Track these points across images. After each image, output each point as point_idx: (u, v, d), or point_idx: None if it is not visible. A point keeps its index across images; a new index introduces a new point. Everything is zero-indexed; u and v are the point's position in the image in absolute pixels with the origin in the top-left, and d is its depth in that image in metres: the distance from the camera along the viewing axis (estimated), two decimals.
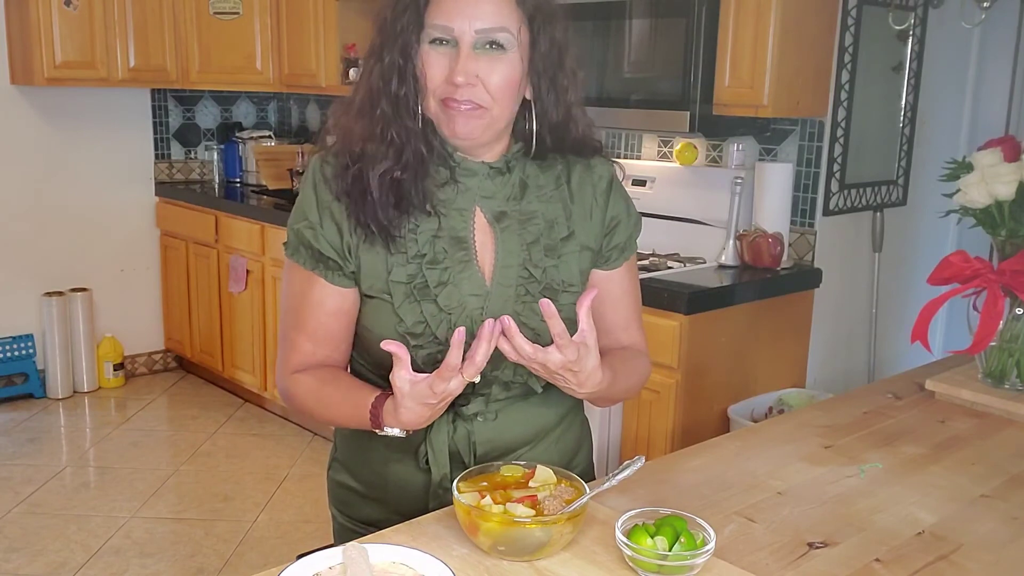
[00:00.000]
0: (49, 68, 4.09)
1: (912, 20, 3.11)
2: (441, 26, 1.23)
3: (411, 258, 1.29)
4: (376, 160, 1.27)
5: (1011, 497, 1.42)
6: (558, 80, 1.31)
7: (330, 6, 4.09)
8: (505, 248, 1.31)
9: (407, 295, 1.28)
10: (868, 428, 1.69)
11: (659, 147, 3.36)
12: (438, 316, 1.28)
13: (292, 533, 3.23)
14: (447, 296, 1.28)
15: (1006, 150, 1.78)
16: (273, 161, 4.74)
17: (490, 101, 1.25)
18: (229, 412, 4.38)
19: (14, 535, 3.17)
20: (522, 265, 1.31)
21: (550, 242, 1.33)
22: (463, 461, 1.35)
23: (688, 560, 1.10)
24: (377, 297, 1.30)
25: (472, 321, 1.28)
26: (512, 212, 1.33)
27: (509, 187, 1.33)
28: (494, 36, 1.23)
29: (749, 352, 2.86)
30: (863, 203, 3.15)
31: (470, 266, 1.30)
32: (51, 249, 4.49)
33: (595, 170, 1.39)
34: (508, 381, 1.32)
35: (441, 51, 1.24)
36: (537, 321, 1.29)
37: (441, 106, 1.26)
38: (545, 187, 1.35)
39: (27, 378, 4.43)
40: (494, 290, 1.30)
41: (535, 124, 1.32)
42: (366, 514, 1.44)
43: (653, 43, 2.89)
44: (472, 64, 1.23)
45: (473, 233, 1.31)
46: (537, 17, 1.27)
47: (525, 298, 1.31)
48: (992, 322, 1.74)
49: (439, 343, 1.28)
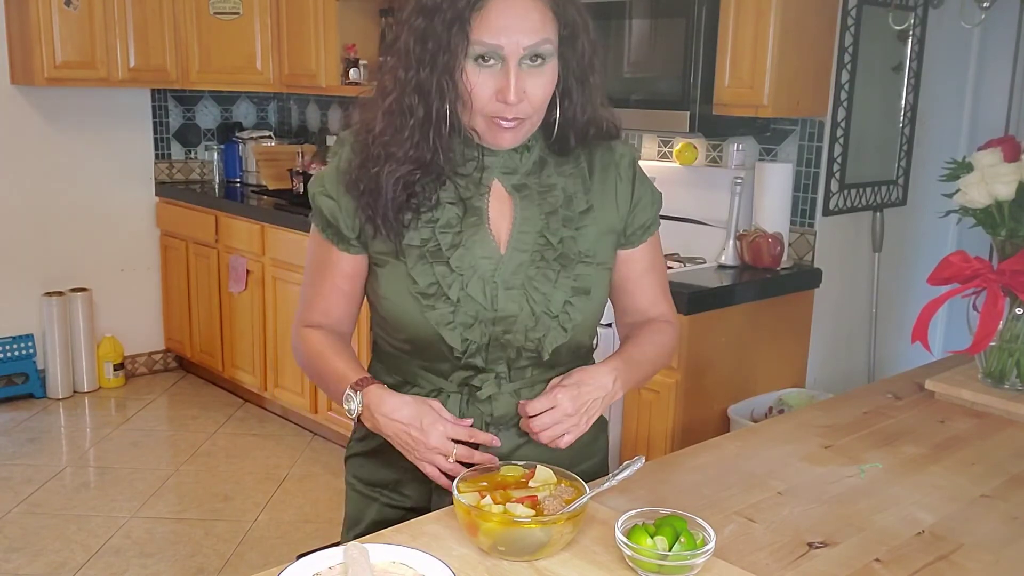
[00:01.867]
0: (49, 68, 4.09)
1: (912, 20, 3.11)
2: (489, 43, 1.22)
3: (425, 223, 1.32)
4: (396, 162, 1.28)
5: (1011, 497, 1.42)
6: (587, 82, 1.33)
7: (330, 6, 4.09)
8: (523, 215, 1.34)
9: (420, 257, 1.31)
10: (868, 428, 1.69)
11: (659, 147, 3.36)
12: (450, 277, 1.31)
13: (292, 533, 3.23)
14: (459, 258, 1.31)
15: (1006, 150, 1.78)
16: (273, 161, 4.74)
17: (531, 112, 1.27)
18: (229, 412, 4.38)
19: (14, 535, 3.17)
20: (539, 232, 1.34)
21: (569, 213, 1.36)
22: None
23: (688, 560, 1.11)
24: (391, 263, 1.34)
25: (484, 283, 1.31)
26: (532, 184, 1.35)
27: (529, 163, 1.36)
28: (539, 49, 1.24)
29: (749, 352, 2.86)
30: (863, 203, 3.15)
31: (481, 230, 1.33)
32: (51, 249, 4.49)
33: (616, 150, 1.41)
34: (520, 346, 1.33)
35: (487, 69, 1.24)
36: (549, 287, 1.33)
37: (488, 123, 1.27)
38: (564, 164, 1.38)
39: (27, 378, 4.43)
40: (509, 254, 1.33)
41: (560, 120, 1.33)
42: (382, 476, 1.46)
43: (653, 43, 2.89)
44: (520, 82, 1.23)
45: (488, 203, 1.34)
46: (572, 23, 1.29)
47: (540, 263, 1.33)
48: (992, 322, 1.74)
49: (451, 303, 1.30)
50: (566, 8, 1.27)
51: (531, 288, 1.32)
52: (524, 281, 1.32)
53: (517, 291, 1.32)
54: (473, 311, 1.31)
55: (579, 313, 1.34)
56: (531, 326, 1.32)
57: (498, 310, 1.31)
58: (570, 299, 1.33)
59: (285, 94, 5.02)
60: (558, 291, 1.32)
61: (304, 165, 4.52)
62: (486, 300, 1.31)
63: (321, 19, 4.14)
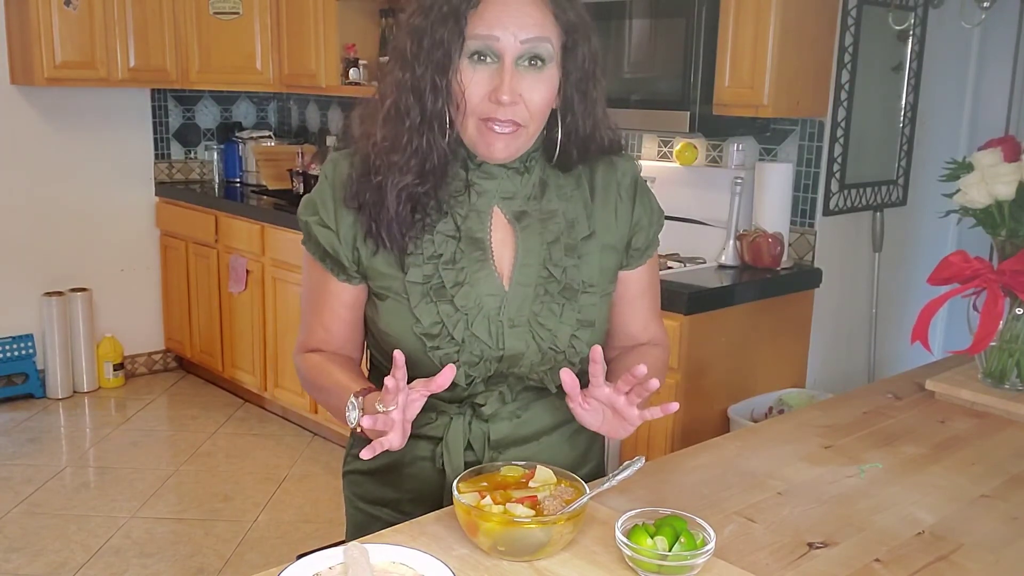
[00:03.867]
0: (49, 68, 4.09)
1: (912, 20, 3.11)
2: (485, 35, 1.19)
3: (427, 259, 1.28)
4: (397, 171, 1.24)
5: (1011, 497, 1.42)
6: (590, 93, 1.29)
7: (330, 6, 4.09)
8: (525, 247, 1.30)
9: (423, 295, 1.27)
10: (868, 428, 1.69)
11: (659, 147, 3.36)
12: (454, 316, 1.27)
13: (292, 533, 3.23)
14: (464, 296, 1.27)
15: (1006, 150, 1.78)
16: (273, 161, 4.74)
17: (528, 119, 1.23)
18: (229, 412, 4.38)
19: (14, 535, 3.17)
20: (542, 264, 1.30)
21: (571, 241, 1.32)
22: (478, 458, 1.34)
23: (688, 560, 1.10)
24: (392, 298, 1.29)
25: (489, 321, 1.28)
26: (532, 211, 1.31)
27: (529, 187, 1.32)
28: (537, 48, 1.21)
29: (749, 352, 2.86)
30: (863, 203, 3.15)
31: (486, 266, 1.29)
32: (51, 249, 4.49)
33: (618, 167, 1.37)
34: (524, 376, 1.31)
35: (482, 68, 1.21)
36: (555, 322, 1.29)
37: (480, 127, 1.23)
38: (565, 186, 1.34)
39: (27, 378, 4.43)
40: (513, 289, 1.29)
41: (561, 135, 1.30)
42: (382, 495, 1.43)
43: (653, 43, 2.89)
44: (516, 82, 1.20)
45: (490, 234, 1.30)
46: (574, 31, 1.25)
47: (544, 298, 1.30)
48: (992, 322, 1.74)
49: (456, 343, 1.27)
50: (567, 10, 1.24)
51: (536, 325, 1.28)
52: (529, 317, 1.28)
53: (523, 328, 1.28)
54: (479, 351, 1.27)
55: (585, 346, 1.30)
56: (537, 362, 1.29)
57: (505, 349, 1.28)
58: (576, 332, 1.30)
59: (285, 94, 5.02)
60: (564, 325, 1.29)
61: (304, 165, 4.52)
62: (492, 339, 1.27)
63: (321, 19, 4.14)
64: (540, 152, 1.32)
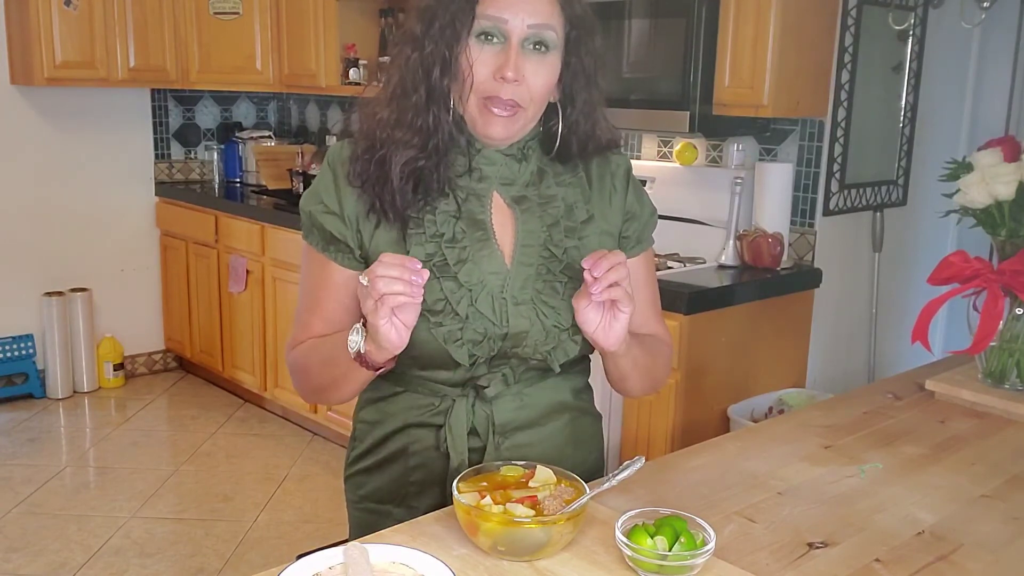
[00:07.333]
0: (49, 68, 4.09)
1: (912, 20, 3.11)
2: (494, 17, 1.23)
3: (430, 237, 1.30)
4: (402, 146, 1.27)
5: (1011, 497, 1.42)
6: (591, 90, 1.33)
7: (330, 6, 4.09)
8: (526, 228, 1.33)
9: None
10: (868, 428, 1.69)
11: (659, 147, 3.36)
12: (458, 292, 1.28)
13: (292, 533, 3.23)
14: (467, 273, 1.29)
15: (1006, 150, 1.78)
16: (273, 161, 4.74)
17: (528, 101, 1.27)
18: (229, 412, 4.38)
19: (14, 535, 3.17)
20: (543, 245, 1.33)
21: (570, 224, 1.35)
22: (482, 443, 1.35)
23: (688, 560, 1.10)
24: None
25: (493, 298, 1.29)
26: (531, 196, 1.34)
27: (527, 174, 1.35)
28: (543, 34, 1.25)
29: (749, 352, 2.86)
30: (863, 203, 3.15)
31: (488, 245, 1.31)
32: (51, 249, 4.49)
33: (612, 160, 1.41)
34: (527, 356, 1.32)
35: (489, 48, 1.25)
36: (558, 300, 1.31)
37: (481, 105, 1.26)
38: (563, 173, 1.37)
39: (27, 378, 4.43)
40: (515, 268, 1.31)
41: (562, 127, 1.33)
42: (389, 490, 1.42)
43: (653, 43, 2.89)
44: (521, 62, 1.24)
45: (491, 216, 1.33)
46: (578, 26, 1.29)
47: (547, 277, 1.32)
48: (992, 322, 1.74)
49: (460, 320, 1.28)
50: (573, 4, 1.28)
51: (540, 303, 1.30)
52: (533, 295, 1.31)
53: (526, 306, 1.30)
54: (482, 327, 1.28)
55: None
56: (541, 340, 1.31)
57: (509, 326, 1.29)
58: None
59: (285, 94, 5.02)
60: (567, 303, 1.30)
61: (304, 165, 4.52)
62: (496, 316, 1.29)
63: (321, 19, 4.14)
64: (536, 142, 1.36)
